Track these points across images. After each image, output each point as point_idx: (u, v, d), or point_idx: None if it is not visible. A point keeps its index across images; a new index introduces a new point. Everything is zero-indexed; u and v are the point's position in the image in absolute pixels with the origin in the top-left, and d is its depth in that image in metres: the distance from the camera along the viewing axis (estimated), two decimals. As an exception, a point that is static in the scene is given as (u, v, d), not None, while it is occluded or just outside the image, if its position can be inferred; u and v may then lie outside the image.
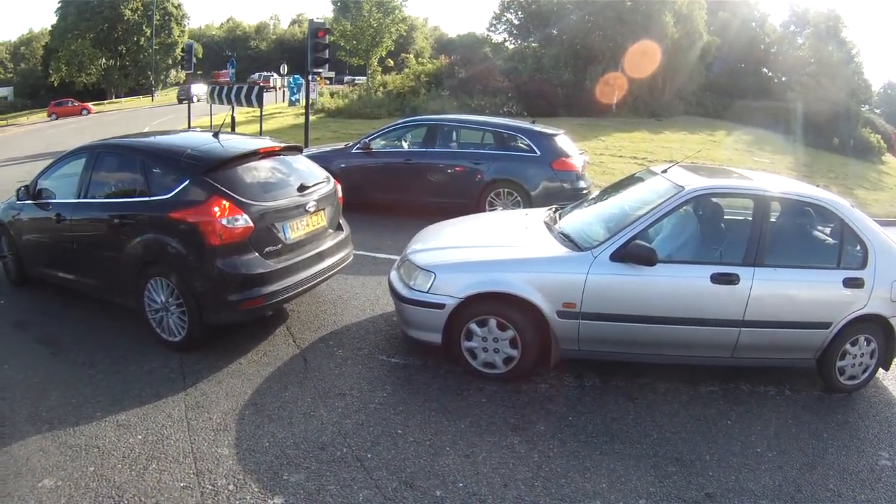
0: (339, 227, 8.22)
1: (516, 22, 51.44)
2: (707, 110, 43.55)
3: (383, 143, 13.74)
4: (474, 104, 34.85)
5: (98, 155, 7.75)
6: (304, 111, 22.58)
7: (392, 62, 63.44)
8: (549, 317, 6.22)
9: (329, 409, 5.92)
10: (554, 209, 8.09)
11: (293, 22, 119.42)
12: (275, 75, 64.46)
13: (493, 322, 6.34)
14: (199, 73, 34.45)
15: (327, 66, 20.45)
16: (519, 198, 12.22)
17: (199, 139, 7.77)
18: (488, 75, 39.96)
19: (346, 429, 5.62)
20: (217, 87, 27.10)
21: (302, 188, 7.42)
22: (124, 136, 8.96)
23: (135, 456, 5.23)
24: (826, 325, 6.41)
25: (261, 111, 24.73)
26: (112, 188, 7.59)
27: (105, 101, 76.00)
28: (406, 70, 46.53)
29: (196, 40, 74.67)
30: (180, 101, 60.64)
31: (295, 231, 7.17)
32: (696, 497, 5.01)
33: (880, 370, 6.97)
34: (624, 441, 5.64)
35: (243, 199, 6.67)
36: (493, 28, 54.53)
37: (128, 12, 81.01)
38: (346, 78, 72.25)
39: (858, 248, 6.56)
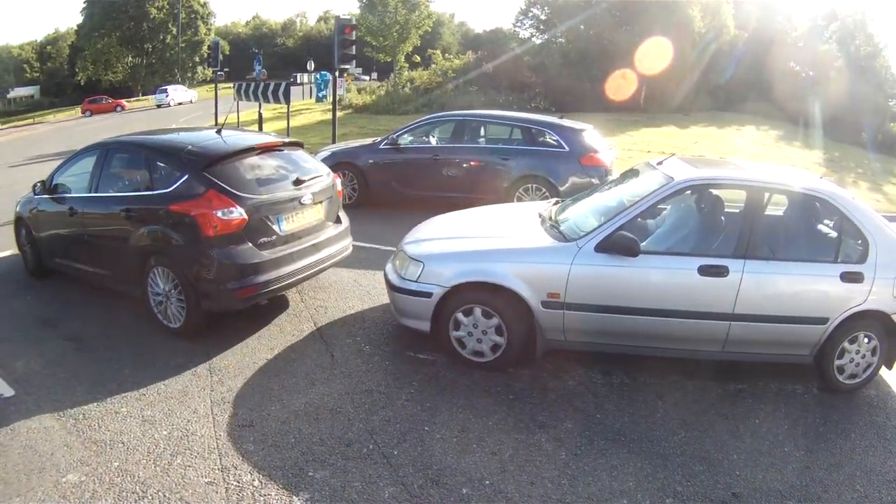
0: (337, 220, 8.45)
1: (542, 17, 51.15)
2: (734, 105, 43.20)
3: (411, 138, 13.73)
4: (502, 100, 34.74)
5: (108, 151, 8.19)
6: (331, 107, 22.66)
7: (419, 58, 63.28)
8: (533, 306, 6.30)
9: (356, 406, 5.90)
10: (554, 202, 8.17)
11: (320, 19, 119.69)
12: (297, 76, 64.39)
13: (478, 311, 6.43)
14: (225, 70, 34.50)
15: (354, 62, 20.44)
16: (547, 193, 12.03)
17: (201, 136, 8.16)
18: (516, 71, 39.86)
19: (373, 425, 5.61)
20: (244, 84, 27.23)
21: (297, 182, 7.70)
22: (132, 134, 9.26)
23: (160, 451, 5.24)
24: (822, 321, 6.23)
25: (288, 108, 24.76)
26: (120, 183, 8.04)
27: (132, 99, 76.45)
28: (433, 66, 46.34)
29: (222, 38, 75.20)
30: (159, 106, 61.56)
31: (290, 223, 7.49)
32: (722, 496, 4.95)
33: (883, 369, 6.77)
34: (651, 439, 5.59)
35: (238, 193, 7.03)
36: (519, 23, 54.32)
37: (153, 11, 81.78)
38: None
39: (858, 241, 6.37)
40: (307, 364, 6.72)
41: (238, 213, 6.90)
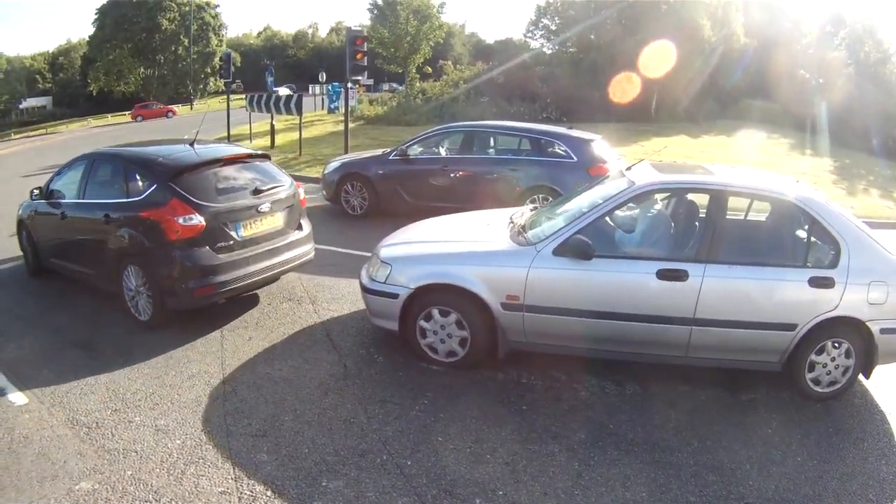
0: (299, 227, 8.98)
1: (553, 27, 51.18)
2: (743, 112, 43.07)
3: (420, 149, 13.79)
4: (513, 110, 34.65)
5: (94, 161, 8.98)
6: (343, 118, 22.74)
7: (430, 69, 63.40)
8: (493, 308, 6.46)
9: (369, 416, 5.91)
10: (532, 207, 8.44)
11: (332, 30, 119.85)
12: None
13: (442, 312, 6.65)
14: (237, 81, 34.48)
15: (366, 73, 20.53)
16: (556, 204, 12.06)
17: (174, 149, 8.79)
18: (527, 81, 39.77)
19: (387, 435, 5.61)
20: (255, 96, 27.46)
21: (256, 192, 8.31)
22: (116, 146, 9.90)
23: (173, 460, 5.27)
24: (790, 327, 6.14)
25: (300, 119, 24.85)
26: (102, 190, 8.69)
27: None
28: (444, 77, 46.34)
29: (234, 50, 75.42)
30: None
31: (248, 229, 8.11)
32: (736, 507, 4.94)
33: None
34: (664, 449, 5.57)
35: (198, 201, 7.72)
36: (530, 34, 54.38)
37: (165, 22, 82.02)
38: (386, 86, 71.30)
39: (829, 245, 6.25)
40: (320, 374, 6.74)
41: (197, 220, 7.60)
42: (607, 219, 6.79)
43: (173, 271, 7.60)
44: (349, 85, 21.79)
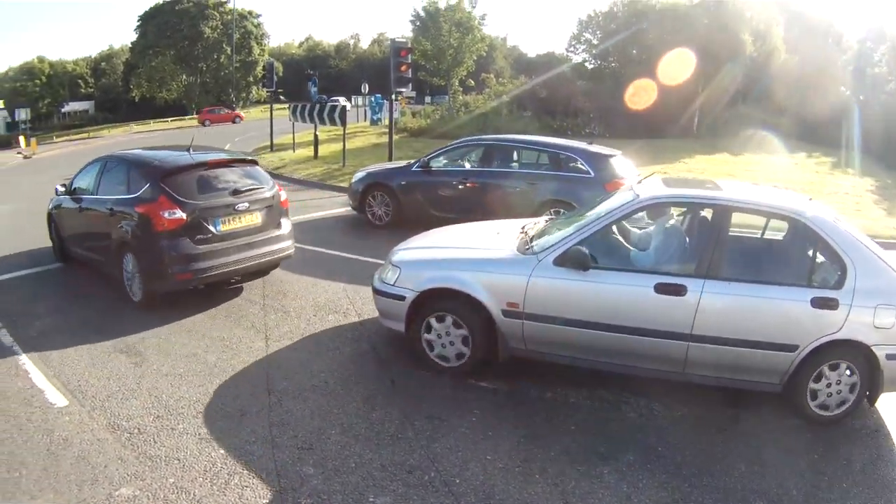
0: (278, 226, 9.93)
1: (595, 42, 51.14)
2: (785, 130, 42.65)
3: (443, 161, 13.98)
4: (556, 125, 34.62)
5: (106, 162, 10.24)
6: (386, 130, 22.75)
7: (473, 82, 63.46)
8: (494, 314, 6.60)
9: (417, 432, 5.84)
10: (546, 218, 8.61)
11: (373, 42, 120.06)
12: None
13: (448, 318, 6.85)
14: (280, 90, 34.41)
15: (410, 85, 20.58)
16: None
17: (171, 153, 10.08)
18: (570, 96, 39.70)
19: (435, 452, 5.54)
20: (299, 106, 27.61)
21: (235, 192, 9.35)
22: (126, 150, 11.50)
23: (216, 470, 5.22)
24: (791, 348, 5.95)
25: (343, 130, 24.82)
26: (110, 187, 9.80)
27: (185, 117, 77.77)
28: (487, 90, 46.29)
29: (276, 59, 75.78)
30: None
31: (226, 225, 9.16)
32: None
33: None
34: (712, 474, 5.44)
35: (181, 199, 8.83)
36: (572, 48, 54.39)
37: (207, 30, 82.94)
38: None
39: (835, 265, 6.08)
40: (367, 387, 6.71)
41: (179, 215, 8.72)
42: (614, 231, 6.93)
43: (158, 258, 8.70)
44: (392, 97, 21.83)
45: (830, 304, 5.86)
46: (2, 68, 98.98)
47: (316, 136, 26.73)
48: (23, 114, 59.43)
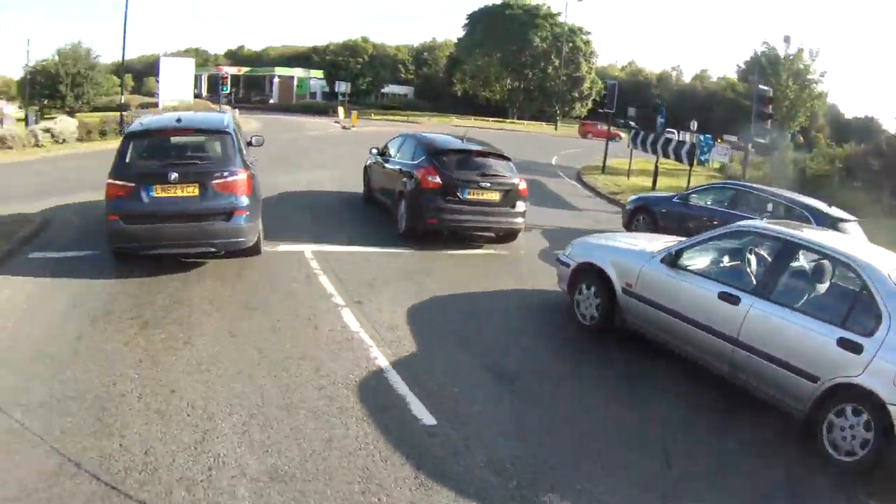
0: (513, 206, 12.81)
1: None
2: None
3: (699, 198, 15.47)
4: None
5: (406, 138, 14.49)
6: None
7: (802, 139, 60.58)
8: (616, 289, 8.48)
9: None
10: None
11: (695, 77, 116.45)
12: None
13: (591, 287, 8.81)
14: (608, 111, 34.05)
15: (767, 137, 21.04)
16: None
17: (448, 139, 13.93)
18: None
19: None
20: (641, 133, 29.65)
21: (483, 174, 12.56)
22: (419, 132, 17.17)
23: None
24: (813, 379, 6.23)
25: (689, 168, 25.64)
26: (403, 155, 13.90)
27: (506, 121, 79.24)
28: (815, 150, 43.99)
29: (599, 78, 75.84)
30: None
31: (470, 195, 12.30)
32: None
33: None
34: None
35: (442, 170, 12.29)
36: (900, 115, 50.15)
37: (537, 39, 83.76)
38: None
39: (871, 314, 6.15)
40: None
41: (438, 180, 12.13)
42: (710, 245, 8.29)
43: (419, 206, 12.25)
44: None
45: (855, 347, 6.01)
46: (322, 42, 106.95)
47: (656, 166, 26.39)
48: (343, 86, 62.07)
